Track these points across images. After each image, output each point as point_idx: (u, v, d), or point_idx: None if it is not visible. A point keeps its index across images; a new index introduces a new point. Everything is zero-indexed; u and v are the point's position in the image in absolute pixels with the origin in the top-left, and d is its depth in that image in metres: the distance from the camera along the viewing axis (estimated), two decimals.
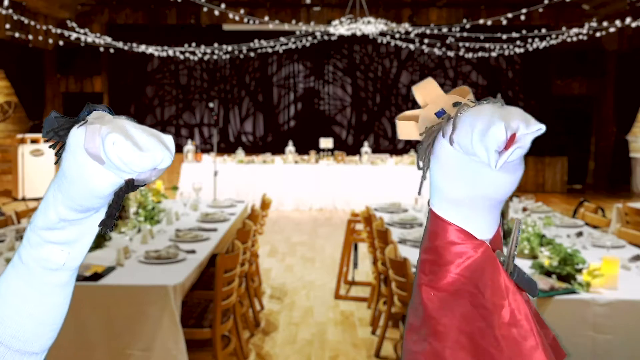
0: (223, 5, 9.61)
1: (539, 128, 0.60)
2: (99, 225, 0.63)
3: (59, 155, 0.61)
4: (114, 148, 0.55)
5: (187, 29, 12.47)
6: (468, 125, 0.63)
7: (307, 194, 10.19)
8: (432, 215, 0.71)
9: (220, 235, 4.28)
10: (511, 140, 0.60)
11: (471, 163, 0.64)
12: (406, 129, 0.72)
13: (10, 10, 8.73)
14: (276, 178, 10.14)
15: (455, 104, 0.68)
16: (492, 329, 0.67)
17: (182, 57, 12.08)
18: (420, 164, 0.69)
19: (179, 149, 10.63)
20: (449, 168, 0.66)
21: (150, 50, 11.29)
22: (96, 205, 0.61)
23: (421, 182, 0.70)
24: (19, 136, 10.68)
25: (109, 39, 10.97)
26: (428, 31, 11.39)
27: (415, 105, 0.73)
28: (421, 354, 0.71)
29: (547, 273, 3.08)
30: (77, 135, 0.58)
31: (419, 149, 0.69)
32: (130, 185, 0.59)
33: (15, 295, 0.64)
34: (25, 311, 0.64)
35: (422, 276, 0.72)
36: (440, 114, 0.69)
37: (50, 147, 0.61)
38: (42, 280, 0.64)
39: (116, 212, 0.62)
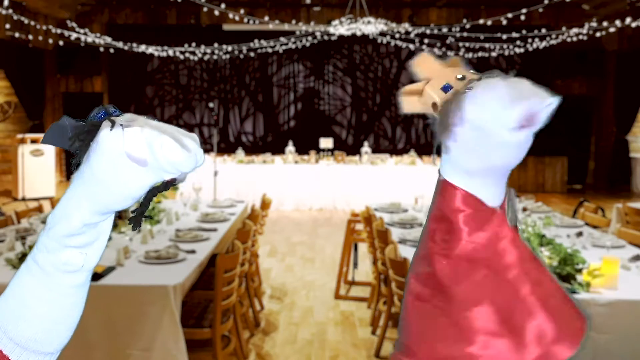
0: (223, 5, 9.61)
1: (552, 102, 0.63)
2: (129, 223, 0.63)
3: (79, 159, 0.60)
4: (162, 151, 0.56)
5: (187, 29, 12.47)
6: (486, 103, 0.64)
7: (307, 194, 10.19)
8: (444, 185, 0.70)
9: (220, 235, 4.28)
10: (530, 118, 0.63)
11: (486, 138, 0.65)
12: (410, 103, 0.73)
13: (10, 10, 8.72)
14: (276, 178, 10.14)
15: (461, 78, 0.68)
16: (516, 292, 0.67)
17: (182, 57, 12.08)
18: (441, 139, 0.69)
19: None
20: (464, 142, 0.67)
21: (150, 50, 11.30)
22: (127, 206, 0.61)
23: (436, 156, 0.71)
24: (19, 136, 10.68)
25: (109, 39, 10.97)
26: (428, 31, 11.39)
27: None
28: (435, 323, 0.69)
29: None
30: (113, 139, 0.57)
31: (436, 123, 0.69)
32: (169, 185, 0.59)
33: (31, 297, 0.64)
34: (41, 312, 0.64)
35: (433, 245, 0.70)
36: (446, 88, 0.70)
37: (74, 153, 0.61)
38: (60, 282, 0.64)
39: (145, 211, 0.62)
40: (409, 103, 0.73)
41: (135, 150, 0.57)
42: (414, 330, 0.72)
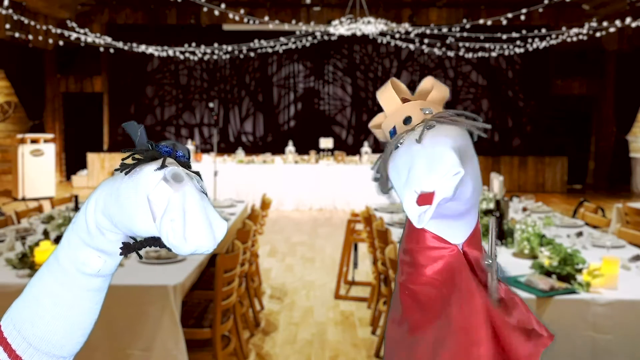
0: (223, 5, 9.61)
1: (457, 172, 0.64)
2: (120, 248, 0.64)
3: (127, 169, 0.61)
4: (169, 224, 0.58)
5: (187, 29, 12.47)
6: (400, 169, 0.70)
7: (307, 194, 10.19)
8: (409, 222, 0.76)
9: None
10: (429, 197, 0.64)
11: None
12: (378, 134, 0.82)
13: (10, 10, 8.72)
14: (276, 178, 10.14)
15: (406, 120, 0.71)
16: (451, 334, 0.72)
17: (182, 57, 12.08)
18: (376, 175, 0.77)
19: None
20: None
21: (150, 50, 11.29)
22: (128, 234, 0.63)
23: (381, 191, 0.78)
24: (19, 136, 10.68)
25: (109, 39, 10.97)
26: (428, 31, 11.39)
27: None
28: (401, 344, 0.77)
29: (547, 273, 3.08)
30: (149, 179, 0.59)
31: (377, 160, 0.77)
32: (163, 245, 0.61)
33: (48, 296, 0.64)
34: (57, 313, 0.64)
35: (400, 275, 0.78)
36: (392, 133, 0.75)
37: (124, 159, 0.62)
38: (76, 283, 0.65)
39: (140, 249, 0.64)
40: (377, 133, 0.81)
41: (155, 203, 0.59)
42: (386, 348, 0.80)
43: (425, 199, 0.65)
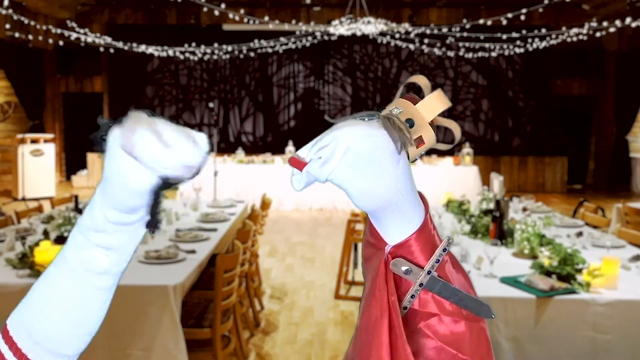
0: (223, 5, 9.61)
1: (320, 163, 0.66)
2: (146, 227, 0.63)
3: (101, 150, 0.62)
4: (142, 143, 0.57)
5: (187, 29, 12.47)
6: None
7: (307, 194, 10.18)
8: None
9: (220, 235, 4.28)
10: (301, 164, 0.68)
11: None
12: None
13: (10, 10, 8.72)
14: (276, 178, 10.13)
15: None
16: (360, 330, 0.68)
17: (182, 57, 12.08)
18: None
19: None
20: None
21: (150, 50, 11.30)
22: (138, 203, 0.61)
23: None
24: (19, 136, 10.68)
25: (109, 39, 10.97)
26: (428, 31, 11.39)
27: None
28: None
29: (547, 273, 3.08)
30: (114, 135, 0.59)
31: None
32: (165, 183, 0.59)
33: (55, 295, 0.64)
34: (64, 311, 0.64)
35: None
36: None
37: (100, 151, 0.62)
38: (84, 282, 0.64)
39: (157, 211, 0.62)
40: None
41: (126, 144, 0.57)
42: None
43: (296, 162, 0.67)
